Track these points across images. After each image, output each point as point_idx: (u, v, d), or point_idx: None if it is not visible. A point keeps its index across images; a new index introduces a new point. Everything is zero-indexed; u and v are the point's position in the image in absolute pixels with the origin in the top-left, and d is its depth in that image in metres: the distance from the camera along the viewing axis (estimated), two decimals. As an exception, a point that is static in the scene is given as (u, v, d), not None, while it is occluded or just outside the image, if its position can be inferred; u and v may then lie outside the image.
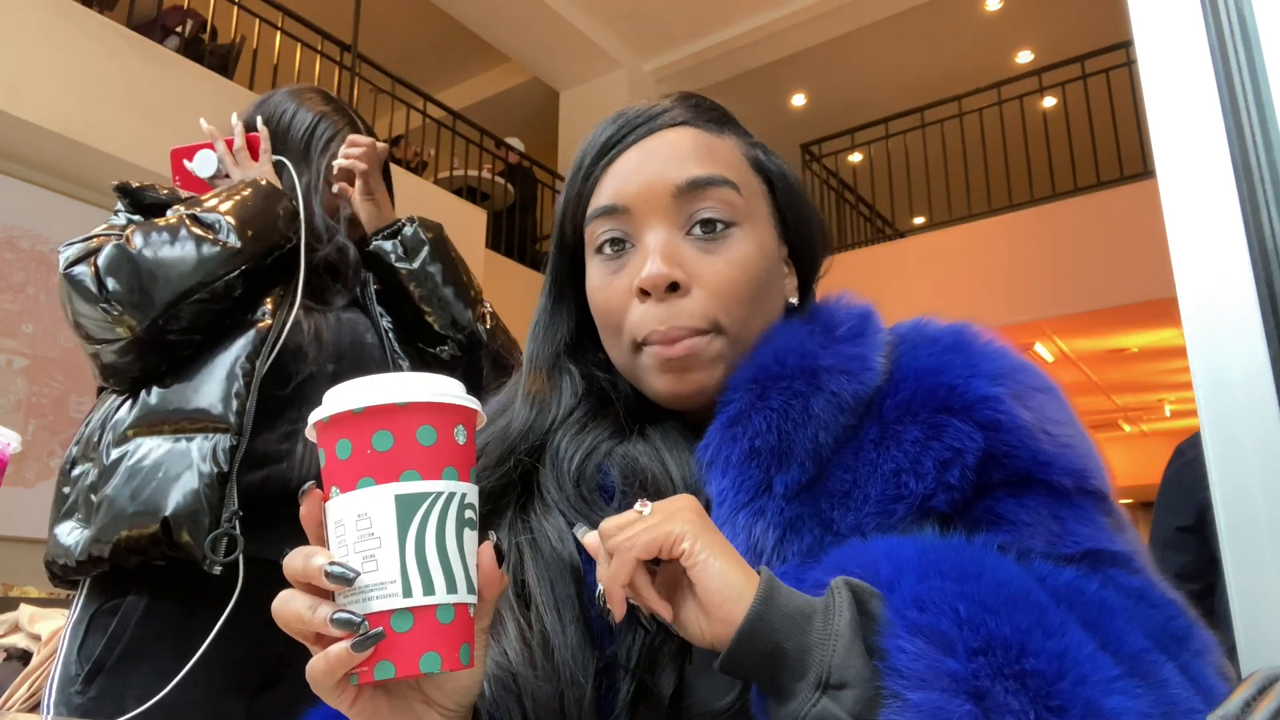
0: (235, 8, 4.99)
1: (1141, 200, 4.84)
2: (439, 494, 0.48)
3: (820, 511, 0.59)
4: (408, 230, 1.36)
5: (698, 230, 0.66)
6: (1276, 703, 0.37)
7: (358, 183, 1.36)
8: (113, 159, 3.88)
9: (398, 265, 1.35)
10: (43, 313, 4.16)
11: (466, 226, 5.44)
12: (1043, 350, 6.53)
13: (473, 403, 0.51)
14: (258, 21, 5.07)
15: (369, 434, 0.48)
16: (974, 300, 5.45)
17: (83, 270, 1.16)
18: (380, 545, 0.47)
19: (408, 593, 0.47)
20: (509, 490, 0.67)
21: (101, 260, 1.16)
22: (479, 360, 1.39)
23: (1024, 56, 7.10)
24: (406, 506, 0.48)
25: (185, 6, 4.79)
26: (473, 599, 0.50)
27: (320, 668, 0.48)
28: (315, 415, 0.50)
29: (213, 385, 1.18)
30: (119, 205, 1.30)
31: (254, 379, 1.18)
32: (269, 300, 1.25)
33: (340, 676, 0.48)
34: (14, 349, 4.06)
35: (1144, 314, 5.38)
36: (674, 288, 0.64)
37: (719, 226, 0.66)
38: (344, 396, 0.49)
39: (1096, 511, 0.59)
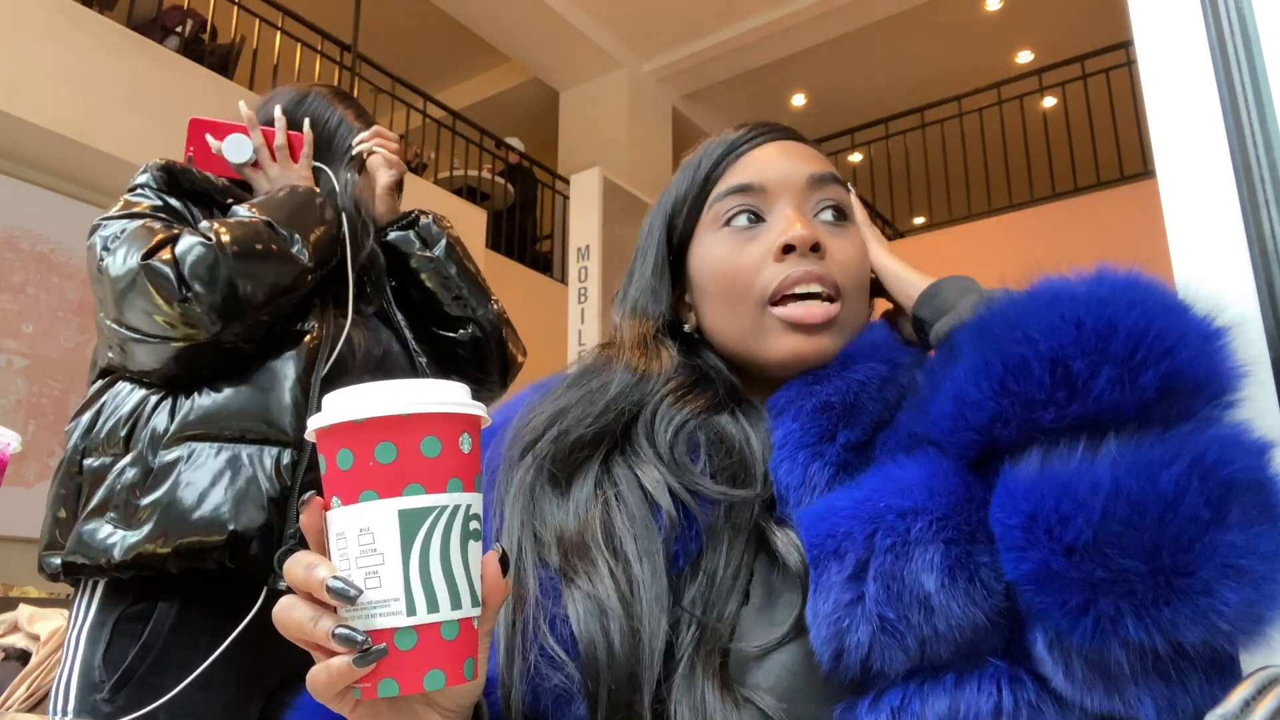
0: (235, 8, 4.99)
1: (1141, 200, 4.84)
2: (443, 508, 0.47)
3: (869, 458, 0.65)
4: (424, 220, 1.38)
5: (825, 215, 0.73)
6: (1276, 703, 0.37)
7: (388, 177, 1.36)
8: (113, 159, 3.89)
9: (418, 254, 1.35)
10: (43, 313, 4.16)
11: (466, 226, 5.43)
12: (1043, 350, 6.52)
13: (478, 409, 0.50)
14: (258, 21, 5.07)
15: (371, 445, 0.47)
16: (974, 300, 5.42)
17: (163, 264, 1.11)
18: (383, 562, 0.46)
19: (411, 611, 0.46)
20: (605, 438, 0.69)
21: (186, 256, 1.11)
22: (492, 346, 1.39)
23: (1024, 56, 7.10)
24: (410, 522, 0.47)
25: (185, 6, 4.79)
26: (476, 612, 0.49)
27: (322, 679, 0.48)
28: (315, 421, 0.48)
29: (270, 395, 1.16)
30: (145, 179, 1.25)
31: (314, 391, 1.17)
32: (312, 310, 1.24)
33: (341, 689, 0.48)
34: (14, 349, 4.06)
35: (1144, 314, 5.36)
36: (815, 249, 0.70)
37: (841, 217, 0.74)
38: (345, 404, 0.47)
39: None
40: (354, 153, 1.36)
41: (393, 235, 1.37)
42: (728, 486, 0.66)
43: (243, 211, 1.20)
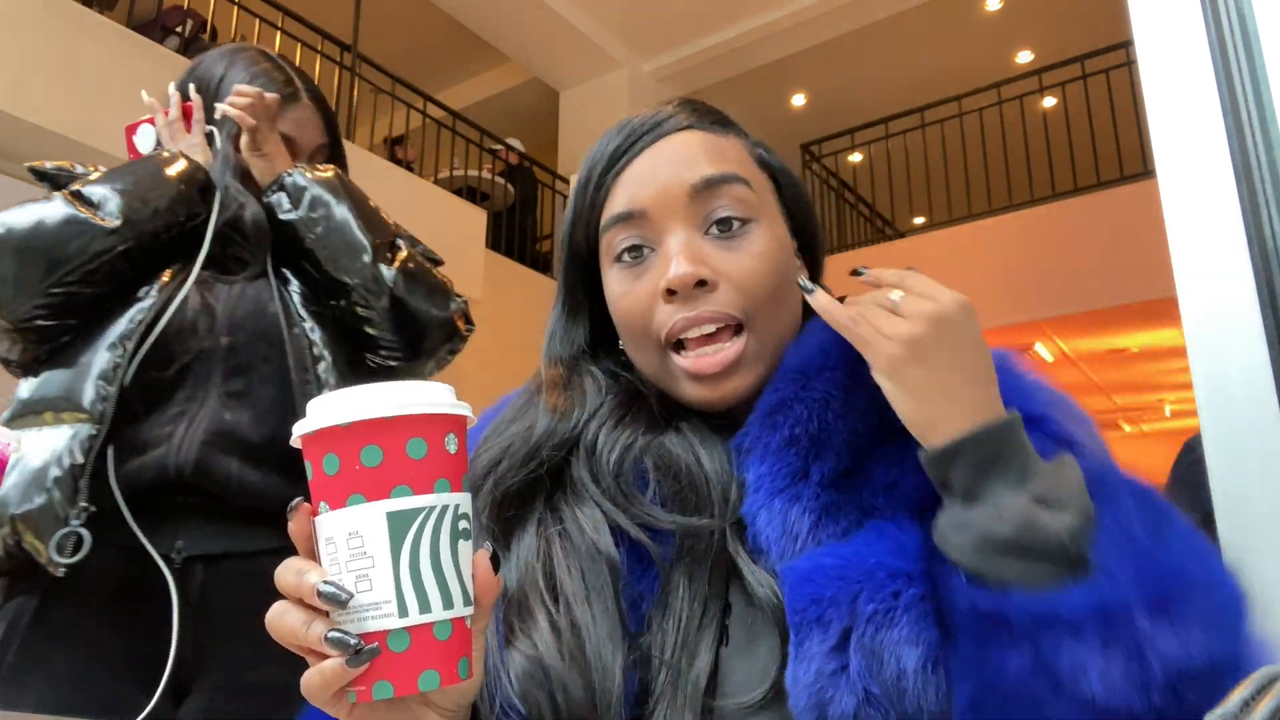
0: (235, 8, 4.99)
1: (1141, 200, 4.84)
2: (432, 508, 0.47)
3: (861, 500, 0.60)
4: (288, 180, 1.23)
5: (715, 229, 0.66)
6: (1275, 702, 0.37)
7: (244, 137, 1.24)
8: (113, 159, 3.87)
9: (284, 217, 1.23)
10: (43, 313, 4.16)
11: (466, 226, 5.44)
12: (1043, 350, 6.53)
13: (463, 409, 0.50)
14: (258, 21, 5.06)
15: (357, 449, 0.47)
16: (974, 300, 5.40)
17: None
18: (374, 565, 0.47)
19: (404, 612, 0.46)
20: (537, 487, 0.66)
21: None
22: (396, 309, 1.23)
23: (1024, 56, 7.10)
24: (399, 524, 0.47)
25: (185, 6, 4.79)
26: (469, 611, 0.49)
27: (316, 682, 0.47)
28: (300, 427, 0.48)
29: (80, 370, 1.11)
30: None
31: (124, 364, 1.11)
32: (165, 276, 1.17)
33: (336, 691, 0.48)
34: (14, 349, 4.05)
35: (1144, 314, 5.37)
36: (701, 284, 0.64)
37: (736, 224, 0.66)
38: (329, 409, 0.47)
39: None
40: (217, 117, 1.27)
41: (265, 200, 1.24)
42: (679, 515, 0.62)
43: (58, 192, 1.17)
